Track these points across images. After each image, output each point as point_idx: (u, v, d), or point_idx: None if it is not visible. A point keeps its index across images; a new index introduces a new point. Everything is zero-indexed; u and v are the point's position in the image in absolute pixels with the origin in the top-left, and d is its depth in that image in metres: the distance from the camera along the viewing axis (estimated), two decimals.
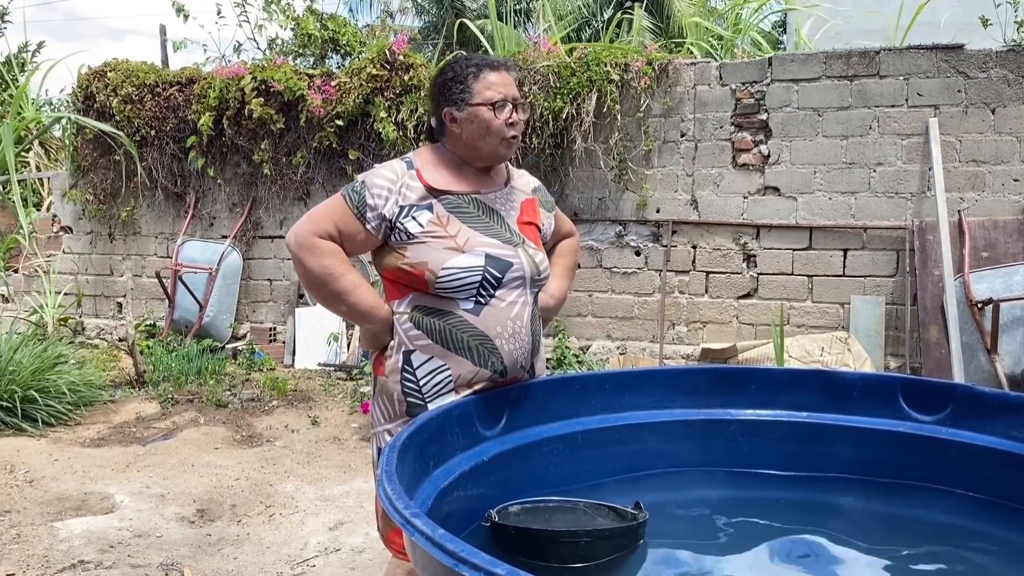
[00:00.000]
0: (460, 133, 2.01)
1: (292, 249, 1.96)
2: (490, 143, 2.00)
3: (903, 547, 1.80)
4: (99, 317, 8.00)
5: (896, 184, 5.54)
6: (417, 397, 1.95)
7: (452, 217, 1.96)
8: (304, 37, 7.68)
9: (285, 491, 4.11)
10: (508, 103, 1.99)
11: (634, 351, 6.19)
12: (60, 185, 8.13)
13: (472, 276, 1.91)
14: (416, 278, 1.93)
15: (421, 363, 1.95)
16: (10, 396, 4.95)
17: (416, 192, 1.95)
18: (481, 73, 2.00)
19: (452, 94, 2.00)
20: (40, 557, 3.30)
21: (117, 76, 7.45)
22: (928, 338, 5.26)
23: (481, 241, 1.95)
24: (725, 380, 2.19)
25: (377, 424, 2.05)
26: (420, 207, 1.94)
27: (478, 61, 2.04)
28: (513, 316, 1.97)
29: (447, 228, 1.94)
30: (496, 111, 1.98)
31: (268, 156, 7.03)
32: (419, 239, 1.92)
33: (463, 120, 1.99)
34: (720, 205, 5.95)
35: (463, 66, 2.03)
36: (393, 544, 1.99)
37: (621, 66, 6.00)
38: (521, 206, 2.11)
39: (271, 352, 7.06)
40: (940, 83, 5.40)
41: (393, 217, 1.93)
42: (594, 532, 1.68)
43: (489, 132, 1.98)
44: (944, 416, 2.00)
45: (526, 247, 2.02)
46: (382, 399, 2.02)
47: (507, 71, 2.03)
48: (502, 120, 1.98)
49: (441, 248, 1.91)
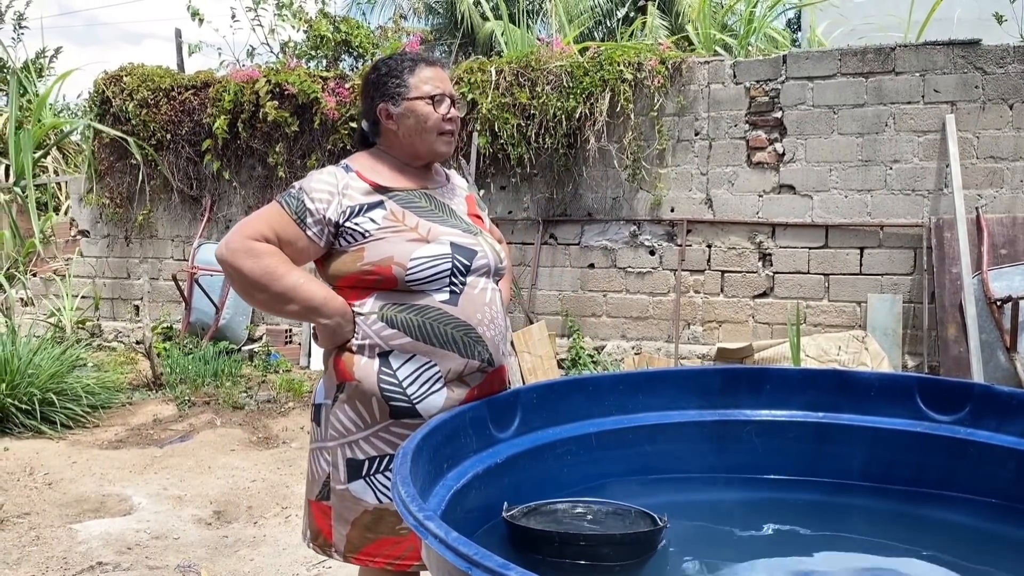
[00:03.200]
0: (396, 130, 1.94)
1: (225, 257, 1.82)
2: (427, 139, 1.94)
3: (921, 548, 1.79)
4: (116, 320, 8.06)
5: (913, 181, 5.50)
6: (402, 400, 1.85)
7: (407, 212, 1.89)
8: (317, 39, 7.72)
9: (301, 493, 4.10)
10: (446, 97, 1.94)
11: (649, 351, 6.17)
12: (77, 189, 8.20)
13: (443, 263, 1.85)
14: (381, 276, 1.84)
15: (402, 363, 1.85)
16: (29, 399, 5.00)
17: (360, 191, 1.88)
18: (417, 68, 1.95)
19: (387, 89, 1.94)
20: (59, 559, 3.32)
21: (133, 80, 7.51)
22: (946, 336, 5.21)
23: (443, 231, 1.89)
24: (739, 380, 2.17)
25: (346, 434, 1.89)
26: (370, 206, 1.87)
27: (413, 56, 1.99)
28: (488, 302, 1.93)
29: (404, 221, 1.87)
30: (435, 105, 1.92)
31: (283, 158, 7.06)
32: (376, 236, 1.84)
33: (399, 116, 1.93)
34: (735, 204, 5.93)
35: (397, 61, 1.97)
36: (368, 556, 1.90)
37: (634, 65, 5.99)
38: (466, 200, 2.09)
39: (287, 354, 7.09)
40: (957, 79, 5.35)
41: (340, 219, 1.85)
42: (611, 536, 1.67)
43: (427, 127, 1.92)
44: (962, 416, 1.98)
45: (484, 236, 1.99)
46: (354, 406, 1.88)
47: (442, 67, 1.99)
48: (440, 115, 1.93)
49: (404, 240, 1.84)
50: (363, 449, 1.88)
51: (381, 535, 1.88)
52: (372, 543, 1.89)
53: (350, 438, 1.89)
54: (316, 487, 1.96)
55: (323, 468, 1.94)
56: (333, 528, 1.93)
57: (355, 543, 1.91)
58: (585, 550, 1.60)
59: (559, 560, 1.61)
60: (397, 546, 1.88)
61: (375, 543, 1.89)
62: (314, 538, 1.98)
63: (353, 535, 1.90)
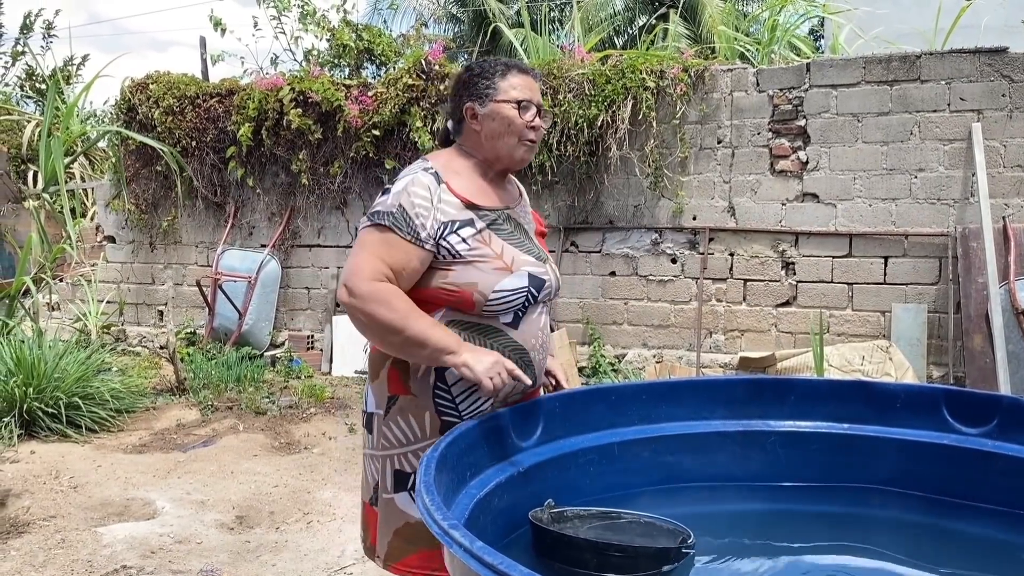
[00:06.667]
0: (479, 130, 1.96)
1: (356, 305, 1.78)
2: (508, 143, 1.95)
3: (947, 562, 1.77)
4: (141, 325, 8.14)
5: (938, 190, 5.44)
6: (454, 416, 1.88)
7: (493, 234, 1.89)
8: (339, 48, 7.78)
9: (323, 498, 4.14)
10: (533, 106, 1.96)
11: (671, 360, 6.14)
12: (104, 195, 8.31)
13: (519, 297, 1.87)
14: (460, 299, 1.85)
15: (457, 379, 1.86)
16: (55, 402, 5.06)
17: (453, 206, 1.87)
18: (509, 72, 1.97)
19: (477, 89, 1.96)
20: (84, 562, 3.36)
21: (159, 88, 7.59)
22: (972, 347, 5.15)
23: (523, 260, 1.90)
24: (763, 390, 2.16)
25: (396, 445, 1.92)
26: (461, 223, 1.86)
27: (507, 61, 2.01)
28: (540, 328, 1.96)
29: (491, 246, 1.87)
30: (520, 111, 1.94)
31: (306, 166, 7.11)
32: (466, 259, 1.84)
33: (484, 116, 1.94)
34: (758, 212, 5.90)
35: (491, 64, 2.00)
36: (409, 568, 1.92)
37: (657, 73, 5.98)
38: (533, 218, 2.11)
39: (309, 360, 7.13)
40: (983, 87, 5.30)
41: (436, 235, 1.83)
42: (644, 549, 1.66)
43: (509, 130, 1.94)
44: (990, 428, 1.96)
45: (550, 263, 2.02)
46: (406, 419, 1.90)
47: (534, 77, 2.01)
48: (524, 121, 1.94)
49: (490, 269, 1.85)
50: (411, 462, 1.91)
51: (421, 547, 1.89)
52: (412, 554, 1.90)
53: (400, 450, 1.92)
54: (368, 491, 2.01)
55: (373, 475, 1.98)
56: (379, 533, 1.96)
57: (396, 553, 1.93)
58: (612, 560, 1.60)
59: (583, 569, 1.61)
60: (435, 559, 1.88)
61: (415, 555, 1.89)
62: (364, 539, 2.05)
63: (395, 544, 1.93)
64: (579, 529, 1.73)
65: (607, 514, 1.80)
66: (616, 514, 1.80)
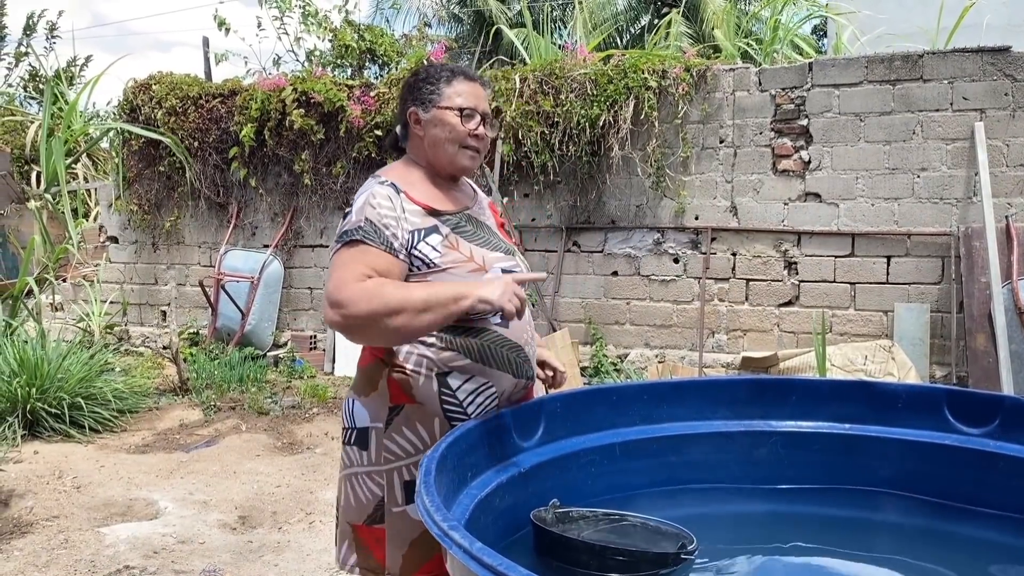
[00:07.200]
0: (422, 136, 1.93)
1: (347, 314, 1.70)
2: (449, 150, 1.91)
3: (948, 564, 1.76)
4: (144, 325, 8.15)
5: (941, 189, 5.44)
6: (463, 419, 1.83)
7: (460, 238, 1.87)
8: (342, 48, 7.78)
9: (325, 499, 4.14)
10: (477, 114, 1.92)
11: (673, 359, 6.14)
12: (106, 196, 8.32)
13: None
14: None
15: (461, 383, 1.84)
16: (58, 403, 5.06)
17: (416, 215, 1.84)
18: (455, 79, 1.93)
19: (421, 94, 1.93)
20: (87, 562, 3.36)
21: (162, 89, 7.60)
22: (975, 347, 5.14)
23: (492, 257, 1.88)
24: (765, 391, 2.16)
25: (404, 456, 1.85)
26: (427, 230, 1.84)
27: (454, 67, 1.98)
28: (527, 321, 1.94)
29: (459, 250, 1.85)
30: (463, 119, 1.90)
31: (309, 166, 7.11)
32: (440, 267, 1.81)
33: (427, 122, 1.92)
34: (760, 212, 5.89)
35: (438, 69, 1.96)
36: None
37: (659, 73, 5.98)
38: (491, 209, 2.09)
39: (311, 360, 7.14)
40: (986, 86, 5.29)
41: (408, 244, 1.81)
42: (635, 552, 1.66)
43: (451, 138, 1.90)
44: (992, 428, 1.96)
45: (517, 253, 2.00)
46: (413, 428, 1.85)
47: (482, 85, 1.98)
48: (467, 129, 1.90)
49: (465, 273, 1.82)
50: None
51: (437, 551, 1.86)
52: (431, 560, 1.84)
53: (408, 460, 1.85)
54: (364, 512, 1.91)
55: (373, 492, 1.89)
56: (388, 549, 1.89)
57: (414, 562, 1.86)
58: (612, 562, 1.60)
59: (583, 570, 1.61)
60: None
61: (434, 560, 1.83)
62: (363, 561, 1.93)
63: (411, 555, 1.86)
64: (583, 531, 1.72)
65: (612, 516, 1.80)
66: (621, 516, 1.80)
